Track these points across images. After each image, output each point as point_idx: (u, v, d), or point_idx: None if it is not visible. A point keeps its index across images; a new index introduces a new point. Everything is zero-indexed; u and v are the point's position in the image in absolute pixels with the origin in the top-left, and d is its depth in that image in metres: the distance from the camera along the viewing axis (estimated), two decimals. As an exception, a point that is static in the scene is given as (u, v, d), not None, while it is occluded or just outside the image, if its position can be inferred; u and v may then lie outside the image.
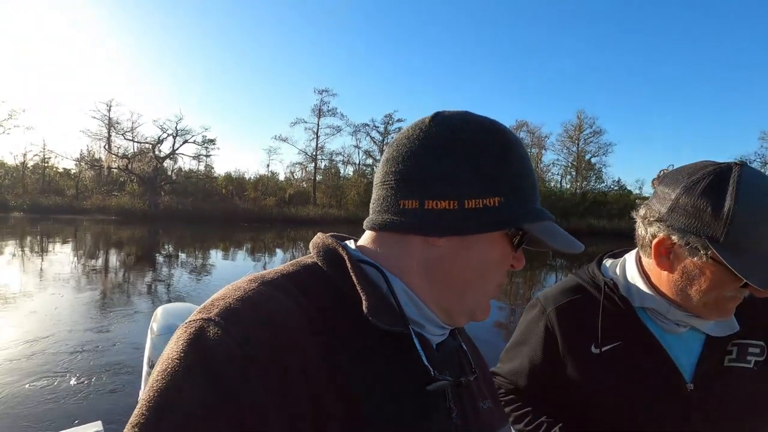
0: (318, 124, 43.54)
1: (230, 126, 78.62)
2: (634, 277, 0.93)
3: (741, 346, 0.90)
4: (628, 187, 45.26)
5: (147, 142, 39.51)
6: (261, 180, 46.53)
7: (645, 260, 0.91)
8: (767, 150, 37.71)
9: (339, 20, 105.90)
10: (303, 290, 0.50)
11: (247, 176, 47.78)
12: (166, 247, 17.06)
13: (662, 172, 0.90)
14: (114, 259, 12.66)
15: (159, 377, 0.39)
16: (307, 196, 43.35)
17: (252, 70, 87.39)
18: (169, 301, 7.39)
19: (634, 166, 70.18)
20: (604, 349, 0.92)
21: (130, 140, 40.26)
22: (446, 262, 0.54)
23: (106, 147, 39.99)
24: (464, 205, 0.52)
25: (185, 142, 40.31)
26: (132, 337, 5.34)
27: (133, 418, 0.38)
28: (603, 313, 0.93)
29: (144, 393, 0.39)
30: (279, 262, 13.16)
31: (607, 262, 1.03)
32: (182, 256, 14.09)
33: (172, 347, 0.41)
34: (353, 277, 0.52)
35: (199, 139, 40.91)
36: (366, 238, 0.59)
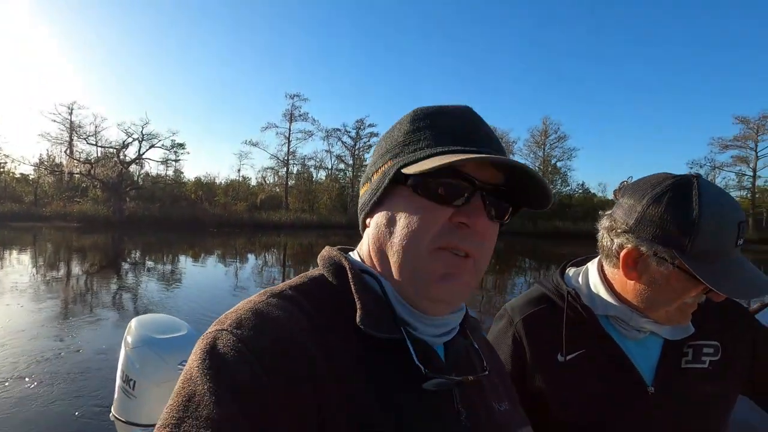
0: (289, 129, 43.45)
1: (201, 130, 76.92)
2: (596, 285, 0.95)
3: (695, 347, 0.93)
4: (592, 190, 47.10)
5: (111, 147, 38.26)
6: (231, 185, 45.75)
7: (608, 269, 0.93)
8: (716, 155, 40.15)
9: (310, 26, 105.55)
10: (309, 300, 0.53)
11: (218, 181, 46.99)
12: (131, 254, 16.58)
13: (623, 184, 0.92)
14: (76, 267, 12.24)
15: (181, 384, 0.43)
16: (279, 200, 42.94)
17: (222, 74, 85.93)
18: (135, 309, 7.29)
19: (597, 170, 73.07)
20: (569, 357, 0.93)
21: (93, 145, 38.92)
22: (375, 235, 0.57)
23: (68, 152, 38.36)
24: (371, 180, 0.59)
25: (152, 146, 39.27)
26: (95, 344, 5.29)
27: (160, 422, 0.41)
28: (567, 323, 0.94)
29: (170, 398, 0.43)
30: (250, 268, 13.33)
31: (570, 271, 1.04)
32: (148, 263, 13.72)
33: (192, 357, 0.45)
34: (352, 286, 0.54)
35: (167, 143, 39.89)
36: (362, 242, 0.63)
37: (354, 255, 0.63)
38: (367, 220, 0.60)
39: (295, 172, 45.74)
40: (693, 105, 77.20)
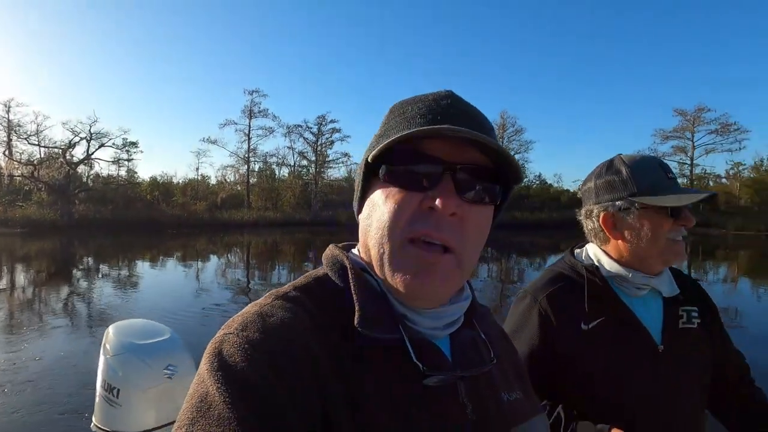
0: (249, 126, 42.37)
1: (155, 128, 73.78)
2: (598, 255, 1.13)
3: (687, 311, 1.10)
4: (548, 181, 49.13)
5: (56, 147, 36.01)
6: (190, 184, 44.32)
7: (603, 247, 1.13)
8: (658, 145, 42.84)
9: (266, 22, 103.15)
10: (313, 300, 0.54)
11: (175, 180, 45.36)
12: (84, 259, 15.87)
13: (580, 186, 1.20)
14: (23, 275, 11.66)
15: (194, 388, 0.45)
16: (241, 199, 42.01)
17: (177, 70, 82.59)
18: (89, 315, 7.15)
19: (553, 161, 76.17)
20: (591, 325, 1.05)
21: (35, 145, 36.42)
22: (361, 230, 0.58)
23: (6, 153, 35.85)
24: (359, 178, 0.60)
25: (101, 146, 37.24)
26: (50, 351, 5.22)
27: (175, 425, 0.44)
28: (588, 294, 1.07)
29: (184, 402, 0.45)
30: (212, 268, 13.09)
31: (576, 252, 1.20)
32: (103, 268, 13.21)
33: (202, 361, 0.47)
34: (352, 287, 0.55)
35: (119, 142, 38.00)
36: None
37: (356, 251, 0.63)
38: (359, 216, 0.60)
39: (256, 169, 44.98)
40: (639, 98, 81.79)
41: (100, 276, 11.40)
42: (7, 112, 36.18)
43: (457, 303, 0.60)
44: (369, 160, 0.54)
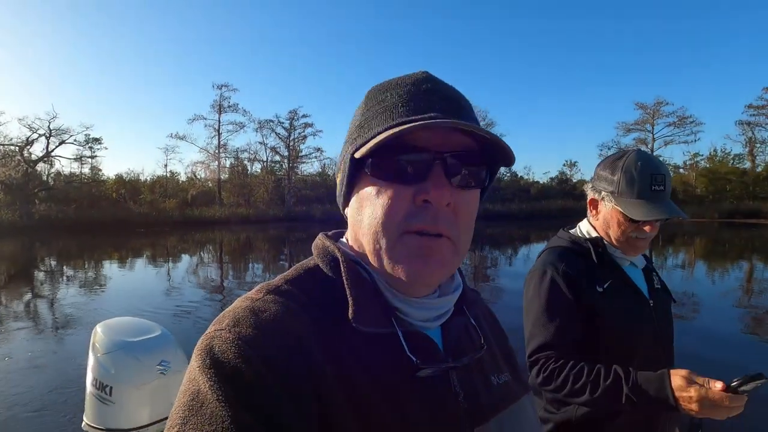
0: (219, 121, 41.50)
1: (122, 125, 70.97)
2: (589, 231, 1.37)
3: (655, 276, 1.39)
4: (519, 173, 50.27)
5: (12, 144, 34.07)
6: (158, 181, 42.99)
7: (591, 221, 1.38)
8: (621, 137, 44.57)
9: (232, 13, 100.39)
10: (305, 293, 0.53)
11: (142, 178, 43.83)
12: (46, 261, 15.28)
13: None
14: None
15: (185, 386, 0.44)
16: (213, 195, 41.12)
17: (143, 63, 79.44)
18: (54, 318, 7.00)
19: (524, 154, 78.00)
20: (605, 287, 1.26)
21: (-12, 142, 34.45)
22: (351, 224, 0.58)
23: (-44, 150, 33.77)
24: (341, 169, 0.58)
25: (62, 143, 35.74)
26: (17, 354, 5.13)
27: (168, 422, 0.43)
28: (598, 262, 1.29)
29: (175, 401, 0.44)
30: (185, 266, 12.80)
31: (572, 230, 1.42)
32: (67, 270, 12.80)
33: (193, 358, 0.45)
34: (345, 280, 0.54)
35: (81, 138, 36.52)
36: None
37: (345, 240, 0.63)
38: (345, 210, 0.60)
39: (228, 165, 44.11)
40: (605, 93, 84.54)
41: (64, 279, 11.04)
42: (-44, 107, 34.05)
43: (449, 295, 0.60)
44: (356, 156, 0.52)
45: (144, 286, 9.77)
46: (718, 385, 0.95)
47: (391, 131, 0.47)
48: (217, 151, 41.82)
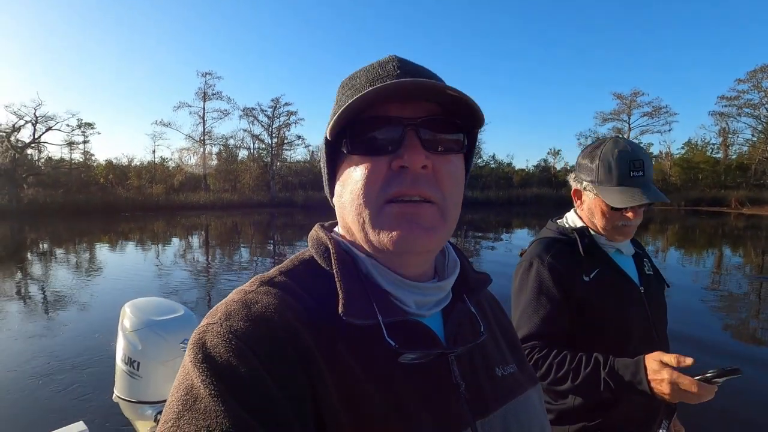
0: (204, 108, 42.15)
1: (114, 111, 70.94)
2: (575, 221, 1.35)
3: (645, 262, 1.36)
4: (503, 160, 51.25)
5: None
6: (147, 168, 43.84)
7: (577, 211, 1.36)
8: (598, 127, 45.71)
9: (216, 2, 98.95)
10: (299, 284, 0.53)
11: (134, 163, 44.71)
12: (38, 244, 16.07)
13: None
14: None
15: (178, 380, 0.44)
16: (199, 181, 42.03)
17: (127, 51, 78.97)
18: (44, 298, 7.40)
19: (506, 142, 78.91)
20: (591, 276, 1.24)
21: (-25, 128, 35.00)
22: (337, 208, 0.58)
23: (-56, 136, 34.31)
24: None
25: (49, 129, 36.47)
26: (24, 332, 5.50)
27: (162, 419, 0.42)
28: (584, 251, 1.26)
29: (169, 395, 0.44)
30: (173, 248, 13.24)
31: (559, 221, 1.39)
32: (59, 252, 13.38)
33: (186, 353, 0.45)
34: (335, 272, 0.53)
35: (74, 123, 37.32)
36: None
37: (339, 230, 0.62)
38: (333, 200, 0.59)
39: (215, 152, 44.86)
40: (586, 80, 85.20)
41: (54, 261, 11.57)
42: (-57, 93, 34.45)
43: (445, 280, 0.59)
44: (328, 136, 0.52)
45: (134, 267, 10.25)
46: (689, 361, 0.96)
47: (352, 99, 0.47)
48: (202, 138, 42.55)
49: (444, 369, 0.54)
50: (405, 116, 0.50)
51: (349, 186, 0.52)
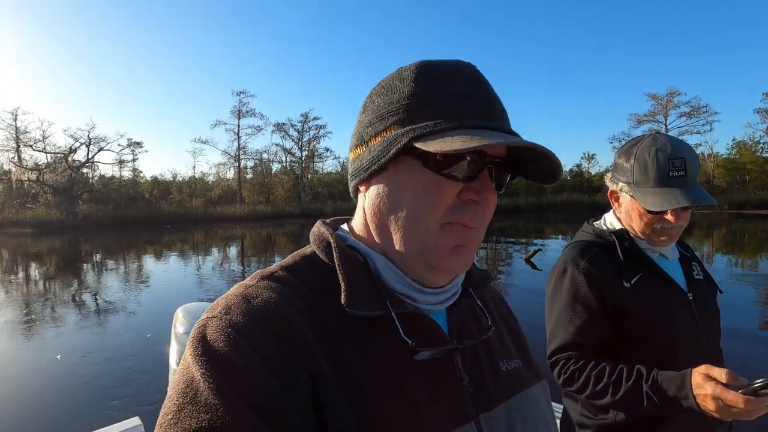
0: (238, 125, 44.39)
1: (159, 130, 75.99)
2: (613, 222, 1.27)
3: (694, 266, 1.27)
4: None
5: (58, 152, 38.35)
6: (187, 182, 46.74)
7: (615, 213, 1.28)
8: (633, 129, 43.93)
9: (249, 22, 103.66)
10: (300, 278, 0.53)
11: (178, 179, 47.90)
12: (92, 255, 17.17)
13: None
14: (35, 271, 12.66)
15: (179, 374, 0.44)
16: (235, 194, 44.18)
17: (169, 75, 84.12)
18: (96, 305, 7.83)
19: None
20: (632, 281, 1.15)
21: (40, 151, 38.81)
22: (375, 205, 0.54)
23: (14, 159, 38.20)
24: (368, 144, 0.54)
25: (100, 149, 39.83)
26: (88, 343, 5.65)
27: (162, 411, 0.43)
28: (624, 256, 1.18)
29: (169, 389, 0.44)
30: (213, 258, 14.11)
31: (596, 223, 1.32)
32: (110, 262, 14.27)
33: (187, 347, 0.46)
34: (337, 266, 0.53)
35: (124, 142, 40.54)
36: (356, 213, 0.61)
37: (345, 227, 0.62)
38: (362, 187, 0.57)
39: (249, 166, 47.19)
40: (620, 83, 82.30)
41: (105, 270, 12.36)
42: (14, 120, 38.41)
43: (457, 278, 0.60)
44: (424, 148, 0.48)
45: (178, 275, 10.89)
46: (742, 381, 0.88)
47: (479, 144, 0.45)
48: (237, 153, 44.76)
49: (448, 362, 0.54)
50: (489, 153, 0.51)
51: (409, 198, 0.51)
